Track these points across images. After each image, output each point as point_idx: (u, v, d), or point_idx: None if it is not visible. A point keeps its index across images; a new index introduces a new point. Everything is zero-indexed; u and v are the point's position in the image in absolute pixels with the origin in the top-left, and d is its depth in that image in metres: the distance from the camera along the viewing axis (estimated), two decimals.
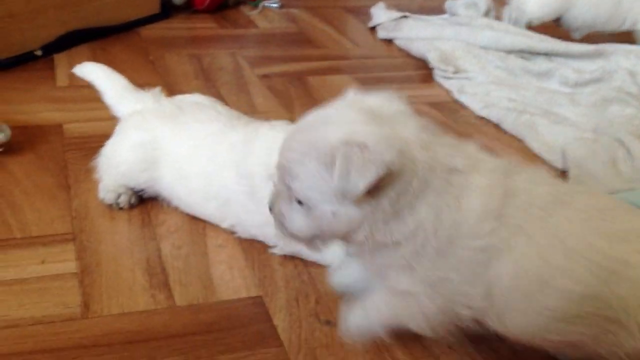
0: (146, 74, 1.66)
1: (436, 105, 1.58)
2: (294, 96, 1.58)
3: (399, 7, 2.29)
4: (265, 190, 0.84)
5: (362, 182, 0.66)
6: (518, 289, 0.68)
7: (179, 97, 1.16)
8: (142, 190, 1.08)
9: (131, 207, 1.08)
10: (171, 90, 1.56)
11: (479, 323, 0.73)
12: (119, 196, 1.07)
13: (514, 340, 0.74)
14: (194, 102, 1.12)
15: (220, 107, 1.11)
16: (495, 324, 0.72)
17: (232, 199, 0.99)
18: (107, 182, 1.08)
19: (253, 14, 2.21)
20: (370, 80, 1.71)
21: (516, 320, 0.70)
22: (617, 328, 0.68)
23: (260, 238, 1.01)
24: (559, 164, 1.27)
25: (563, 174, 1.25)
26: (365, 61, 1.85)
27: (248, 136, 1.00)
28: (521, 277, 0.68)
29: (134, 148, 1.05)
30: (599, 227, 0.69)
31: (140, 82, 1.59)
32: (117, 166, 1.07)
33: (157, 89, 1.17)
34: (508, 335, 0.73)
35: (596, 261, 0.67)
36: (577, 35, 1.93)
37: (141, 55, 1.77)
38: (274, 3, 2.30)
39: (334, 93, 1.60)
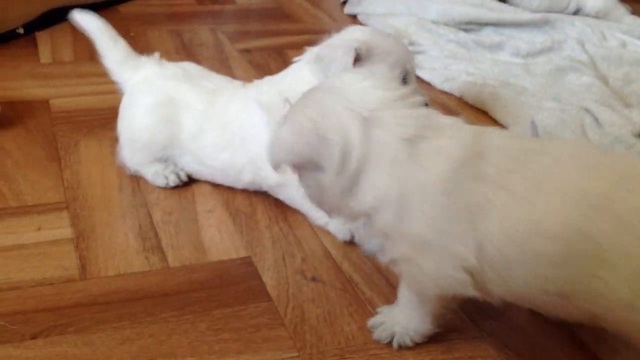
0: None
1: None
2: (274, 69, 1.62)
3: None
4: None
5: (276, 159, 0.77)
6: (508, 242, 0.70)
7: (178, 63, 1.18)
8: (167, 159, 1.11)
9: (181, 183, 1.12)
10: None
11: (482, 291, 0.74)
12: (165, 178, 1.11)
13: (513, 303, 0.76)
14: (195, 67, 1.17)
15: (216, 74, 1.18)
16: (493, 286, 0.73)
17: (249, 136, 1.04)
18: (137, 159, 1.11)
19: None
20: None
21: (512, 275, 0.72)
22: (606, 272, 0.67)
23: (280, 196, 1.07)
24: (528, 134, 1.32)
25: None
26: None
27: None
28: (509, 230, 0.70)
29: (150, 111, 1.09)
30: (573, 168, 0.71)
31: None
32: (140, 135, 1.10)
33: (156, 55, 1.18)
34: (507, 298, 0.75)
35: (577, 199, 0.69)
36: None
37: (122, 32, 1.77)
38: None
39: None
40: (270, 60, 1.68)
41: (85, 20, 1.19)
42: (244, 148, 1.05)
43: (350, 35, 1.06)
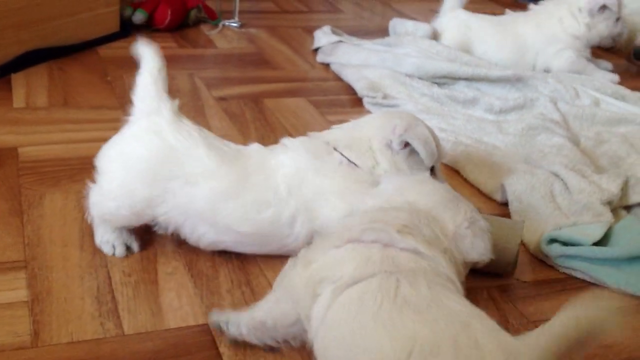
0: (103, 94, 1.68)
1: None
2: (249, 119, 1.62)
3: (351, 29, 2.35)
4: None
5: None
6: None
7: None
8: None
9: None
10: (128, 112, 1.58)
11: None
12: (113, 247, 1.06)
13: None
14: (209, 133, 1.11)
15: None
16: None
17: (299, 182, 1.04)
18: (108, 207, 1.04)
19: (212, 33, 2.24)
20: (324, 103, 1.75)
21: None
22: None
23: None
24: (498, 197, 1.32)
25: (503, 205, 1.31)
26: (321, 84, 1.89)
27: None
28: None
29: (146, 162, 1.02)
30: None
31: (96, 104, 1.63)
32: (128, 182, 1.02)
33: (176, 102, 1.09)
34: None
35: None
36: None
37: (98, 76, 1.79)
38: (234, 22, 2.34)
39: (289, 117, 1.66)
40: (246, 110, 1.67)
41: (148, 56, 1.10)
42: (293, 196, 1.02)
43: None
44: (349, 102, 1.78)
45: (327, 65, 2.00)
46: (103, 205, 1.05)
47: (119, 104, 1.63)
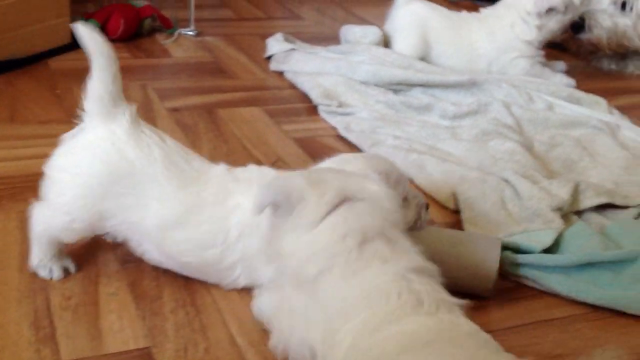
0: (52, 108, 1.64)
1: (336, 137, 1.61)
2: (202, 131, 1.59)
3: (311, 35, 2.33)
4: None
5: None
6: None
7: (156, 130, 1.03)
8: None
9: None
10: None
11: None
12: (50, 271, 1.02)
13: None
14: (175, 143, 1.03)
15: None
16: None
17: (248, 232, 0.96)
18: (56, 222, 0.99)
19: (168, 42, 2.21)
20: (279, 112, 1.73)
21: None
22: None
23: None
24: (450, 205, 1.31)
25: (456, 213, 1.30)
26: (277, 92, 1.88)
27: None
28: None
29: (99, 176, 0.96)
30: None
31: (45, 119, 1.59)
32: (75, 197, 0.97)
33: (133, 108, 1.01)
34: None
35: None
36: None
37: (48, 89, 1.75)
38: (190, 31, 2.31)
39: (243, 127, 1.64)
40: (200, 120, 1.65)
41: (93, 42, 0.97)
42: (240, 244, 0.97)
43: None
44: (304, 110, 1.76)
45: (282, 74, 1.98)
46: (53, 221, 1.00)
47: (68, 118, 1.58)
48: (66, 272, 1.04)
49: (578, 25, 2.08)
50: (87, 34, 0.97)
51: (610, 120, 1.67)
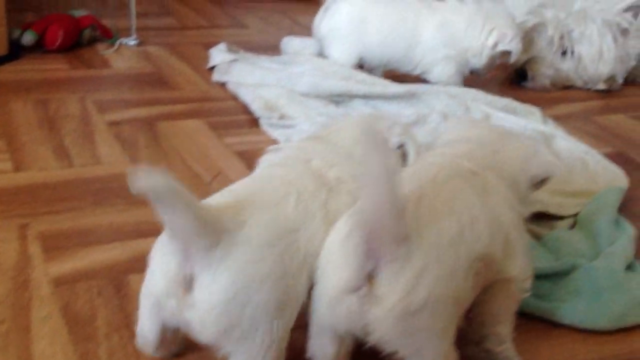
0: None
1: None
2: (141, 145, 1.58)
3: (255, 44, 2.33)
4: None
5: None
6: None
7: None
8: None
9: None
10: (11, 143, 1.52)
11: None
12: None
13: None
14: None
15: None
16: None
17: None
18: None
19: (108, 52, 2.19)
20: (221, 124, 1.73)
21: None
22: None
23: None
24: None
25: None
26: (219, 104, 1.87)
27: None
28: None
29: None
30: None
31: None
32: None
33: None
34: None
35: None
36: (377, 74, 1.99)
37: None
38: (132, 40, 2.28)
39: (184, 141, 1.63)
40: (140, 134, 1.63)
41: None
42: None
43: None
44: (246, 122, 1.76)
45: (225, 85, 1.98)
46: None
47: (3, 133, 1.56)
48: None
49: (522, 75, 2.13)
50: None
51: (545, 130, 1.71)
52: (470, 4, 1.99)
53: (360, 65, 2.01)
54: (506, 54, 1.96)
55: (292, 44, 2.17)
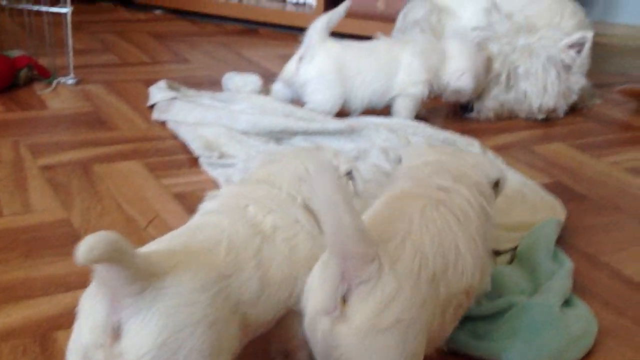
0: None
1: None
2: (75, 190, 1.53)
3: (198, 79, 2.31)
4: None
5: None
6: None
7: None
8: None
9: None
10: None
11: None
12: None
13: None
14: None
15: None
16: None
17: None
18: None
19: (45, 92, 2.14)
20: (160, 165, 1.69)
21: None
22: None
23: None
24: None
25: None
26: (158, 144, 1.83)
27: None
28: None
29: None
30: None
31: None
32: None
33: None
34: None
35: None
36: (355, 114, 2.00)
37: None
38: (70, 79, 2.24)
39: (120, 183, 1.59)
40: (74, 178, 1.59)
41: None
42: None
43: None
44: (186, 162, 1.73)
45: (165, 123, 1.94)
46: None
47: None
48: None
49: (466, 107, 2.16)
50: None
51: None
52: (427, 39, 2.07)
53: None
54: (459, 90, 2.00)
55: (233, 80, 2.15)
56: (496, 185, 1.11)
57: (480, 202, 1.02)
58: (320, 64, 1.96)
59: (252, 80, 2.08)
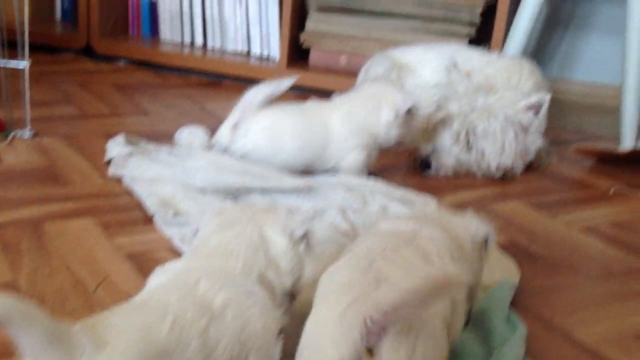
0: None
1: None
2: (24, 250, 1.49)
3: (157, 133, 2.29)
4: None
5: None
6: None
7: None
8: None
9: None
10: None
11: None
12: None
13: None
14: None
15: None
16: None
17: None
18: None
19: (1, 146, 2.10)
20: (114, 223, 1.66)
21: None
22: None
23: None
24: None
25: None
26: (113, 200, 1.80)
27: None
28: None
29: None
30: None
31: None
32: None
33: None
34: None
35: None
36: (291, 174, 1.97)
37: None
38: (27, 132, 2.20)
39: (71, 243, 1.55)
40: (23, 238, 1.55)
41: None
42: None
43: None
44: (140, 220, 1.70)
45: (121, 179, 1.92)
46: None
47: None
48: None
49: (426, 164, 2.18)
50: None
51: None
52: (364, 89, 2.05)
53: None
54: (412, 115, 1.98)
55: (182, 134, 2.14)
56: (485, 243, 1.25)
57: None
58: (254, 138, 1.98)
59: (199, 135, 2.08)
